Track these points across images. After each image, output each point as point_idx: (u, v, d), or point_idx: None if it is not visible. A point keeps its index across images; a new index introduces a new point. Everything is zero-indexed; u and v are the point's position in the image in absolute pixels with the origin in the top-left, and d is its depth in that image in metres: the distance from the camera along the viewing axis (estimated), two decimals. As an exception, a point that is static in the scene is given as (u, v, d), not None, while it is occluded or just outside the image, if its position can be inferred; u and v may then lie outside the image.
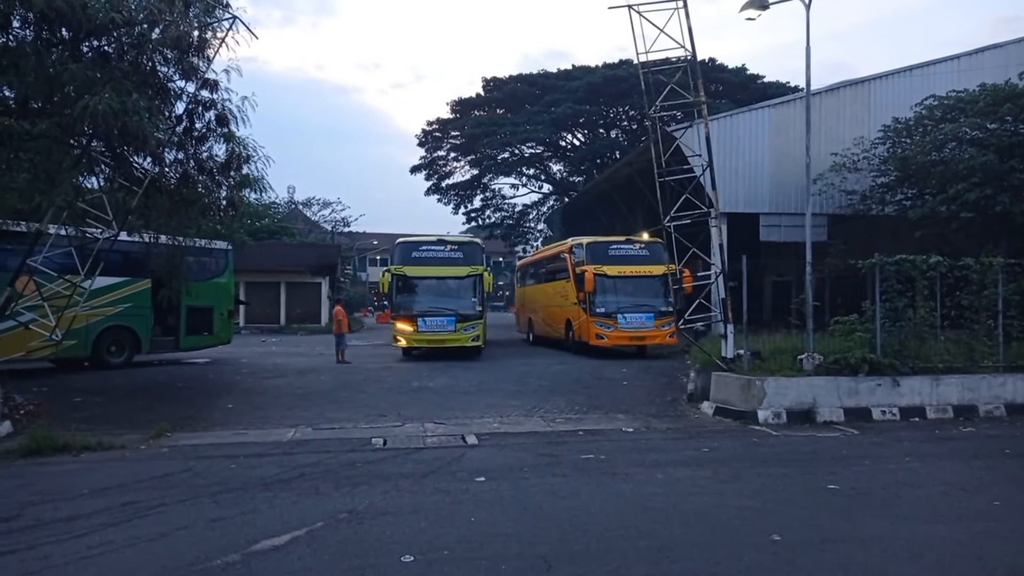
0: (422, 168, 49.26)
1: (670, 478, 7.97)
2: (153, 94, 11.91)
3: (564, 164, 48.34)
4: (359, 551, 5.66)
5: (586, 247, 20.23)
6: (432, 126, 48.35)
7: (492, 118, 46.03)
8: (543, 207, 51.33)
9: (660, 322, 19.01)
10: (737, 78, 42.96)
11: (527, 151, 47.04)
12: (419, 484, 7.70)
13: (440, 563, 5.37)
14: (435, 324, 18.84)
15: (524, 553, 5.56)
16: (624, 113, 44.74)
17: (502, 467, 8.45)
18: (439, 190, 49.26)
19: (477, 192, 49.28)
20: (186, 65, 12.23)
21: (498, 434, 10.53)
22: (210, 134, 12.98)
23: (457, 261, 19.67)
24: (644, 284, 19.49)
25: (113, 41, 11.81)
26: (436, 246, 20.06)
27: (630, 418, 11.73)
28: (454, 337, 18.91)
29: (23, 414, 11.33)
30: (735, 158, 22.23)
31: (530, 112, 44.13)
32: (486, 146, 45.06)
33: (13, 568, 5.28)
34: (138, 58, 11.70)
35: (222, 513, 6.63)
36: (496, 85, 47.41)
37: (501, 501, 7.04)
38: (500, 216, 50.89)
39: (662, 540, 5.89)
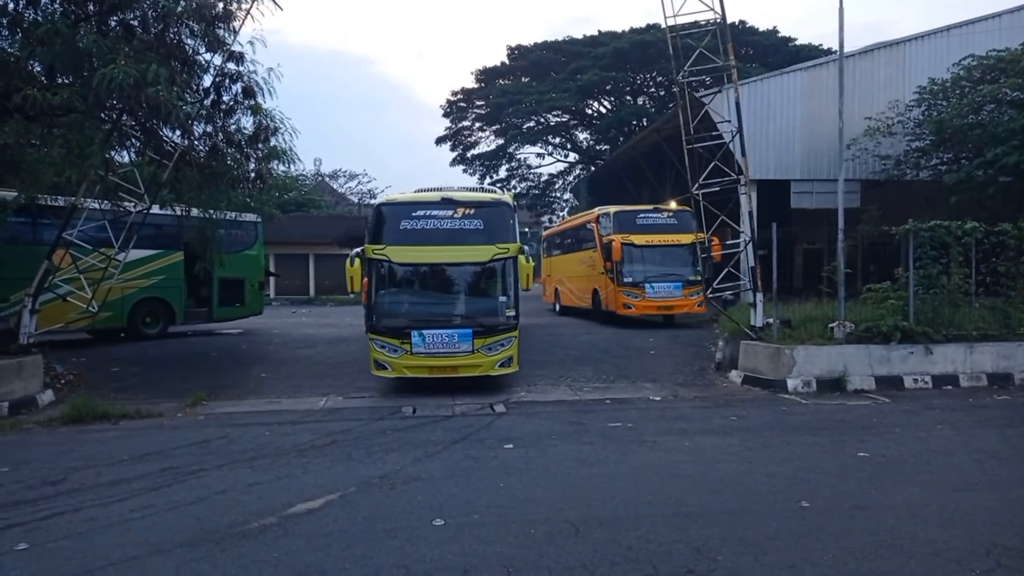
0: (447, 139, 49.10)
1: (698, 446, 7.99)
2: (180, 67, 11.97)
3: (590, 132, 47.84)
4: (391, 514, 5.78)
5: (613, 216, 20.08)
6: (457, 96, 48.07)
7: (517, 87, 45.60)
8: (569, 176, 50.98)
9: (688, 291, 18.86)
10: (768, 41, 41.95)
11: (553, 120, 46.60)
12: (449, 451, 7.82)
13: (470, 527, 5.47)
14: (438, 341, 11.12)
15: (553, 518, 5.64)
16: (651, 79, 44.04)
17: (530, 435, 8.54)
18: (464, 160, 49.12)
19: (502, 162, 49.03)
20: (211, 37, 12.26)
21: (526, 402, 10.62)
22: (237, 107, 13.03)
23: (467, 236, 11.44)
24: (672, 253, 19.31)
25: (138, 14, 11.88)
26: (436, 209, 11.54)
27: (658, 387, 11.75)
28: (469, 362, 11.17)
29: (63, 383, 11.68)
30: (766, 123, 21.80)
31: (555, 80, 43.62)
32: (511, 115, 44.70)
33: (61, 529, 5.49)
34: (163, 31, 11.76)
35: (258, 478, 6.81)
36: (521, 53, 46.86)
37: (530, 468, 7.12)
38: (526, 186, 50.64)
39: (690, 507, 5.93)
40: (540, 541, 5.18)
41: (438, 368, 11.14)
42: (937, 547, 5.04)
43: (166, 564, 4.81)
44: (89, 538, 5.30)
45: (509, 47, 47.87)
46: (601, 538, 5.22)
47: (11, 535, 5.35)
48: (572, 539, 5.22)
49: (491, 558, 4.88)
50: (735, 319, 13.84)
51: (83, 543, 5.20)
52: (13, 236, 13.53)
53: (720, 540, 5.19)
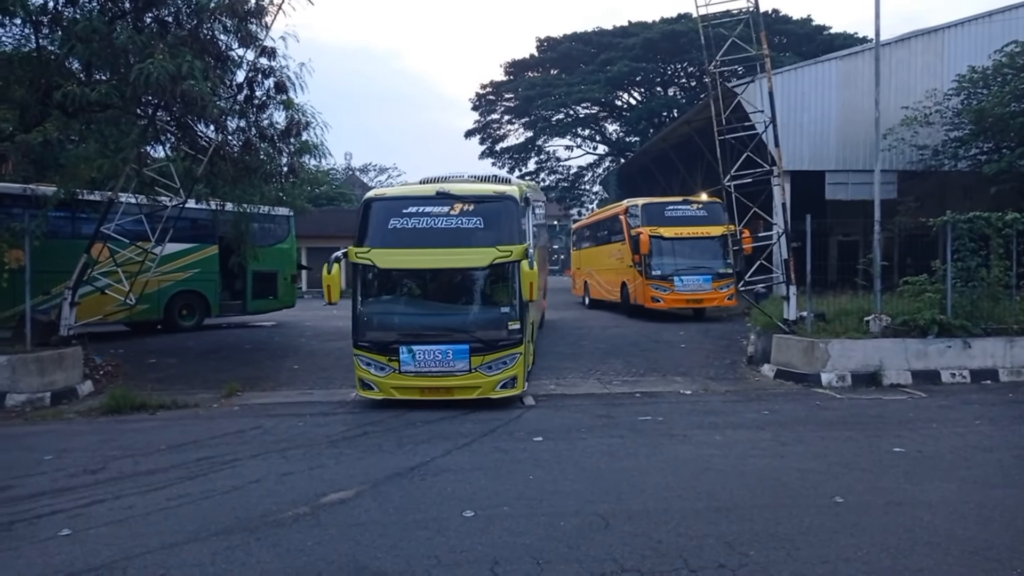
0: (476, 132, 49.08)
1: (729, 440, 7.92)
2: (214, 63, 12.14)
3: (620, 124, 47.45)
4: (422, 505, 5.83)
5: (642, 208, 19.90)
6: (486, 89, 47.99)
7: (546, 79, 45.39)
8: (598, 168, 50.64)
9: (718, 284, 18.64)
10: (802, 30, 41.19)
11: (582, 112, 46.31)
12: (478, 443, 7.86)
13: (500, 519, 5.49)
14: (430, 359, 9.64)
15: (582, 511, 5.64)
16: (682, 70, 43.52)
17: (559, 428, 8.54)
18: (493, 153, 49.04)
19: (531, 155, 48.85)
20: (244, 32, 12.40)
21: (555, 396, 10.62)
22: (270, 101, 13.20)
23: (465, 236, 9.87)
24: (701, 246, 19.09)
25: (172, 10, 12.07)
26: (429, 205, 10.00)
27: (688, 380, 11.66)
28: (466, 382, 9.70)
29: (102, 374, 11.95)
30: (800, 113, 21.45)
31: (585, 72, 43.32)
32: (540, 108, 44.52)
33: (102, 516, 5.63)
34: (197, 26, 11.93)
35: (291, 468, 6.91)
36: (550, 45, 46.62)
37: (559, 461, 7.13)
38: (555, 179, 50.42)
39: (721, 501, 5.88)
40: (569, 534, 5.19)
41: (430, 390, 9.66)
42: (976, 545, 4.94)
43: (202, 551, 4.91)
44: (128, 525, 5.43)
45: (538, 39, 47.77)
46: (631, 531, 5.21)
47: (55, 521, 5.50)
48: (602, 532, 5.21)
49: (520, 550, 4.90)
50: (768, 312, 13.67)
51: (122, 530, 5.33)
52: (53, 230, 13.85)
53: (752, 535, 5.14)
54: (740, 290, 14.49)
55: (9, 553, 4.91)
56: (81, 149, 13.23)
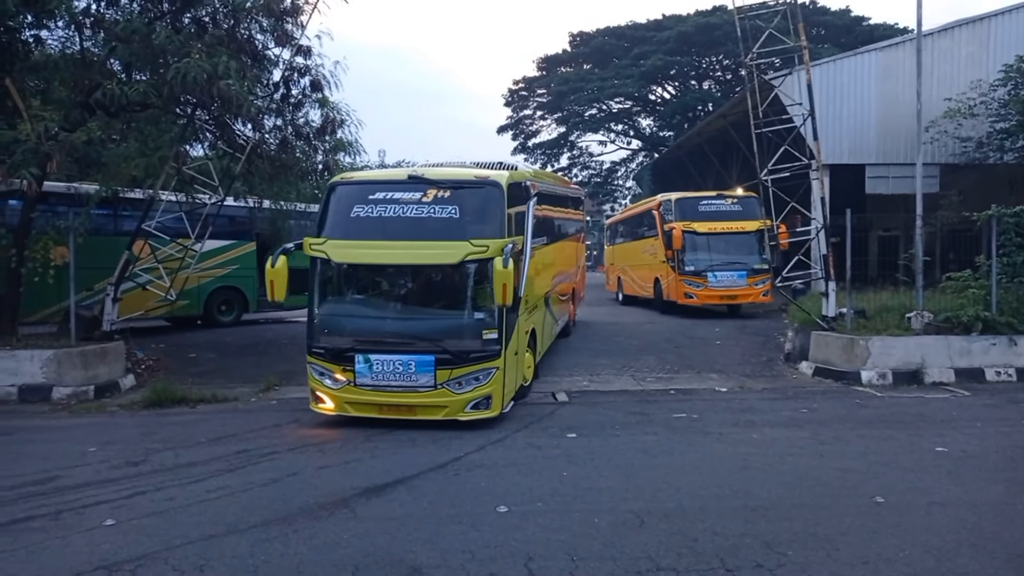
0: (508, 128, 49.11)
1: (766, 438, 7.82)
2: (251, 62, 12.31)
3: (653, 119, 47.10)
4: (456, 500, 5.86)
5: (675, 203, 19.68)
6: (518, 85, 48.05)
7: (579, 74, 45.24)
8: (631, 164, 50.36)
9: (753, 280, 18.36)
10: (840, 21, 40.41)
11: (615, 106, 46.06)
12: (511, 439, 7.87)
13: (534, 515, 5.49)
14: (389, 370, 8.23)
15: (617, 508, 5.61)
16: (717, 63, 43.03)
17: (593, 424, 8.50)
18: (525, 149, 49.05)
19: (564, 150, 48.78)
20: (280, 32, 12.55)
21: (588, 392, 10.57)
22: (305, 100, 13.34)
23: (436, 228, 8.45)
24: (736, 241, 18.80)
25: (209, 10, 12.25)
26: (399, 190, 8.65)
27: (724, 378, 11.52)
28: (430, 400, 8.28)
29: (144, 368, 12.22)
30: (838, 106, 21.00)
31: (618, 66, 43.04)
32: (573, 103, 44.39)
33: (144, 507, 5.76)
34: (234, 26, 12.10)
35: (327, 461, 6.99)
36: (583, 40, 46.42)
37: (592, 457, 7.10)
38: (587, 174, 50.29)
39: (758, 500, 5.81)
40: (604, 531, 5.16)
41: (389, 407, 8.30)
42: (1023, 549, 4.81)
43: (241, 543, 4.99)
44: (169, 516, 5.55)
45: (571, 34, 47.69)
46: (666, 529, 5.17)
47: (99, 511, 5.64)
48: (636, 530, 5.18)
49: (555, 546, 4.89)
50: (806, 309, 13.44)
51: (164, 521, 5.44)
52: (96, 228, 14.16)
53: (790, 534, 5.07)
54: (777, 286, 14.28)
55: (58, 541, 5.05)
56: (122, 148, 13.50)
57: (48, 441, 8.07)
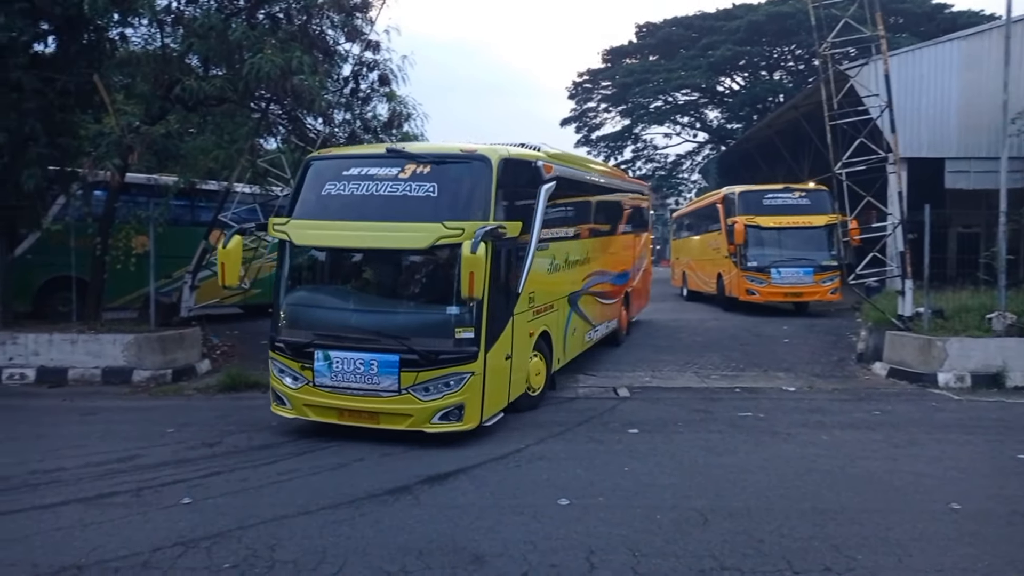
0: (572, 120, 48.83)
1: (837, 440, 7.60)
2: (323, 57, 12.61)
3: (721, 110, 46.10)
4: (517, 491, 5.90)
5: (738, 196, 19.16)
6: (582, 77, 47.67)
7: (644, 65, 44.59)
8: (698, 157, 49.46)
9: (820, 277, 17.73)
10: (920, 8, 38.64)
11: (681, 98, 45.27)
12: (572, 432, 7.86)
13: (595, 508, 5.49)
14: (349, 370, 7.23)
15: (679, 505, 5.55)
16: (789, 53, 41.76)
17: (655, 420, 8.42)
18: (589, 142, 48.67)
19: (628, 143, 48.21)
20: (350, 27, 12.81)
21: (650, 388, 10.47)
22: (373, 94, 13.59)
23: (411, 207, 7.39)
24: (802, 236, 18.17)
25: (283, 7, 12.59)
26: (375, 166, 7.76)
27: (792, 377, 11.23)
28: (393, 407, 7.22)
29: (219, 354, 12.67)
30: (917, 97, 20.12)
31: (685, 57, 42.24)
32: (638, 95, 43.81)
33: (219, 487, 5.99)
34: (306, 22, 12.41)
35: (391, 449, 7.11)
36: (650, 31, 45.72)
37: (655, 453, 7.04)
38: (652, 167, 49.61)
39: (827, 503, 5.66)
40: (667, 528, 5.12)
41: (350, 413, 7.31)
42: (1116, 564, 4.55)
43: (311, 524, 5.15)
44: (243, 496, 5.76)
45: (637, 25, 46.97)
46: (731, 529, 5.09)
47: (176, 490, 5.90)
48: (700, 528, 5.12)
49: (616, 541, 4.88)
50: (880, 308, 12.97)
51: (237, 501, 5.66)
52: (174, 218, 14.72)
53: (860, 539, 4.93)
54: (851, 283, 13.82)
55: (139, 517, 5.31)
56: (199, 141, 14.00)
57: (129, 421, 8.47)
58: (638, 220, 15.28)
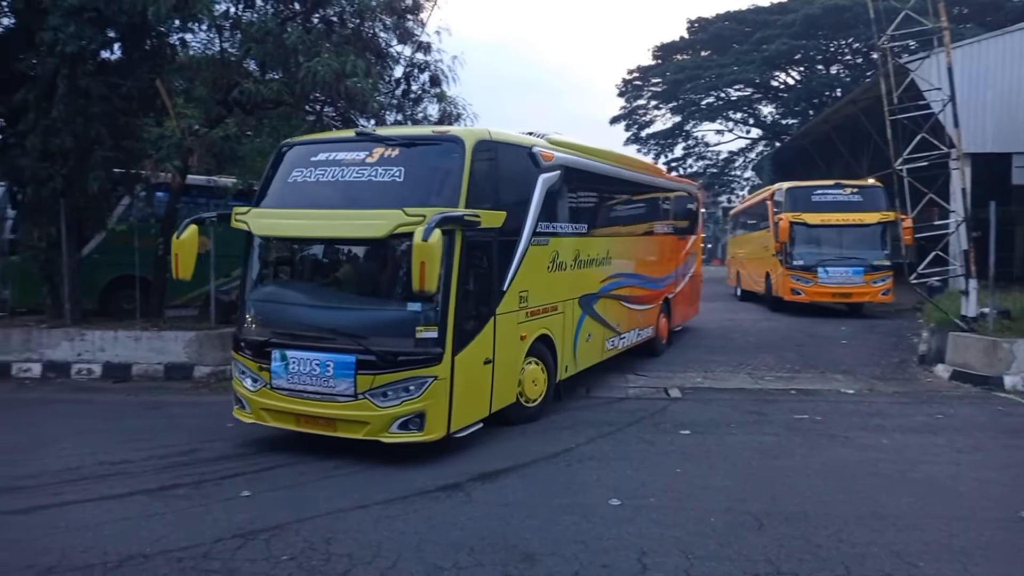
0: (621, 118, 48.45)
1: (897, 444, 7.38)
2: (375, 59, 12.80)
3: (775, 106, 45.17)
4: (568, 490, 5.90)
5: (786, 192, 18.62)
6: (632, 74, 47.23)
7: (696, 61, 43.97)
8: (751, 153, 48.53)
9: (870, 277, 17.04)
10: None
11: (734, 94, 44.50)
12: (623, 433, 7.81)
13: (647, 509, 5.45)
14: (305, 372, 6.62)
15: (733, 508, 5.48)
16: (847, 46, 40.62)
17: (707, 422, 8.31)
18: (638, 140, 48.23)
19: (678, 140, 47.62)
20: (402, 29, 13.00)
21: (702, 388, 10.33)
22: (424, 95, 13.74)
23: (375, 193, 6.78)
24: (853, 234, 17.50)
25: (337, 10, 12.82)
26: (344, 150, 7.21)
27: (850, 379, 10.94)
28: (349, 413, 6.56)
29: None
30: (982, 91, 19.35)
31: (738, 52, 41.50)
32: (689, 91, 43.22)
33: (278, 480, 6.14)
34: (360, 25, 12.62)
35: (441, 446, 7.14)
36: (702, 26, 45.05)
37: (707, 455, 6.95)
38: (703, 164, 48.91)
39: (888, 508, 5.51)
40: (720, 530, 5.05)
41: (307, 419, 6.73)
42: None
43: (366, 518, 5.24)
44: (299, 490, 5.90)
45: (689, 20, 46.34)
46: (787, 533, 5.00)
47: (236, 483, 6.06)
48: (755, 532, 5.04)
49: (669, 542, 4.84)
50: (943, 308, 12.55)
51: (294, 494, 5.79)
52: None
53: (922, 545, 4.79)
54: (912, 283, 13.40)
55: (200, 509, 5.47)
56: (256, 143, 14.34)
57: (190, 416, 8.74)
58: (683, 222, 14.09)
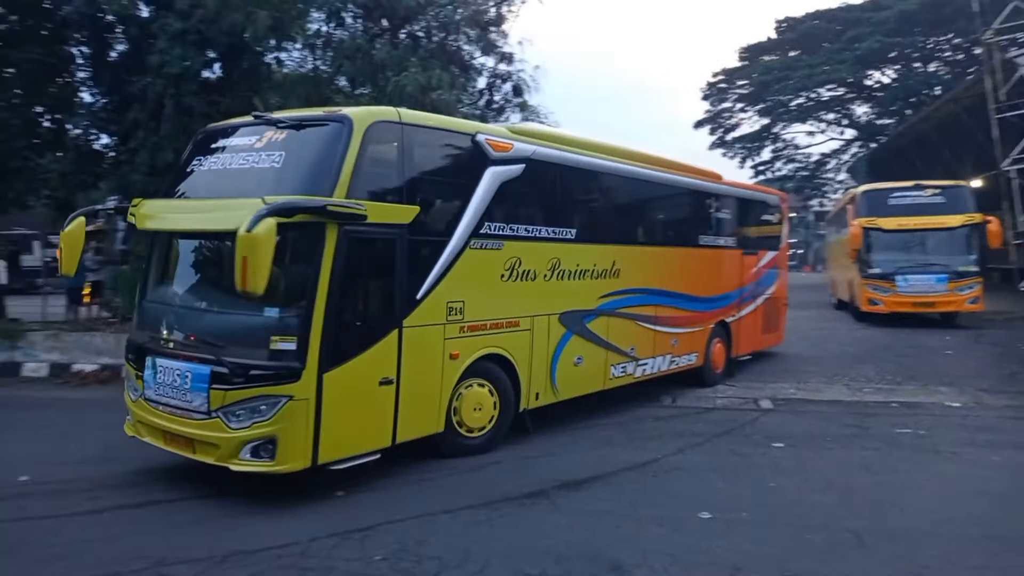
0: (706, 122, 47.53)
1: (1010, 462, 6.92)
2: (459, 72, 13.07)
3: (870, 106, 43.29)
4: (655, 502, 5.81)
5: (861, 196, 17.67)
6: (717, 77, 46.32)
7: (785, 62, 42.66)
8: (844, 155, 46.67)
9: (955, 285, 15.78)
10: (1108, -18, 34.60)
11: (825, 94, 42.90)
12: (712, 444, 7.63)
13: (739, 524, 5.30)
14: (168, 383, 5.88)
15: (832, 525, 5.26)
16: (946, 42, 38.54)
17: (802, 435, 8.01)
18: (724, 144, 47.18)
19: (766, 143, 46.31)
20: (485, 41, 13.23)
21: (795, 400, 9.97)
22: (507, 105, 13.95)
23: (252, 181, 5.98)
24: (934, 239, 16.32)
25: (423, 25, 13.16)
26: (239, 136, 6.50)
27: (955, 391, 10.33)
28: (204, 432, 5.64)
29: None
30: (1103, 83, 18.05)
31: (829, 51, 40.01)
32: (777, 93, 41.95)
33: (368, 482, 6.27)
34: (444, 39, 12.92)
35: (529, 452, 7.20)
36: (790, 25, 43.70)
37: (802, 469, 6.70)
38: (793, 167, 47.34)
39: (1000, 529, 5.17)
40: (818, 548, 4.86)
41: (172, 438, 5.94)
42: None
43: (453, 523, 5.30)
44: (390, 492, 6.00)
45: (777, 20, 44.99)
46: (890, 553, 4.76)
47: (330, 483, 6.15)
48: (855, 550, 4.82)
49: (764, 559, 4.69)
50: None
51: (386, 496, 5.90)
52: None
53: (1043, 572, 4.46)
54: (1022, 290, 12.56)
55: (297, 507, 5.63)
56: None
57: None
58: (752, 234, 12.06)
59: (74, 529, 5.20)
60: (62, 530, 5.17)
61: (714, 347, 10.82)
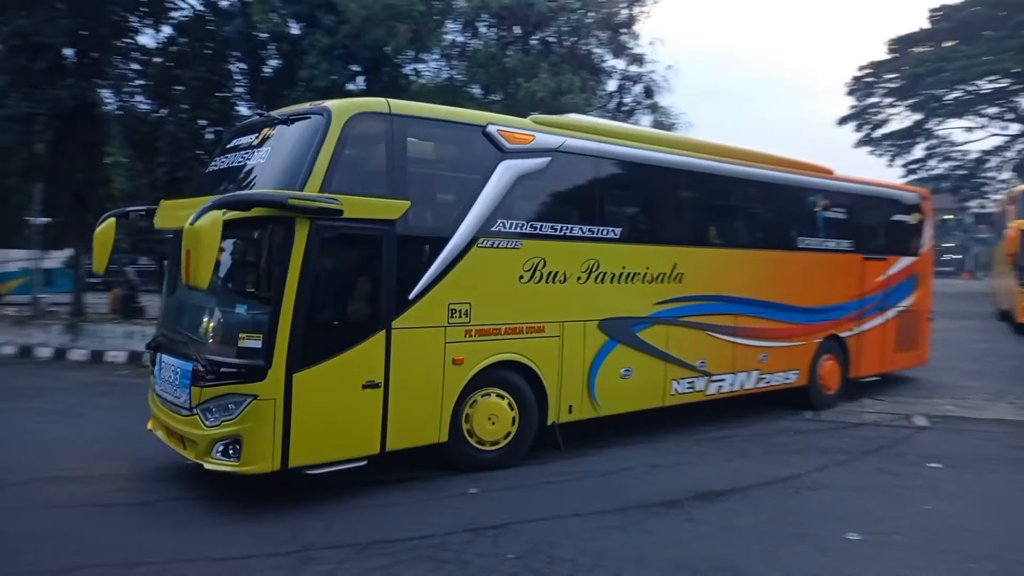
0: (850, 119, 44.79)
1: None
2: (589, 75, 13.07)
3: (1039, 98, 39.29)
4: (798, 519, 5.54)
5: (1021, 195, 15.99)
6: (863, 71, 43.55)
7: (939, 53, 39.46)
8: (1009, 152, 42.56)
9: None
10: None
11: (986, 86, 39.33)
12: (859, 461, 7.20)
13: (891, 547, 4.96)
14: (166, 379, 6.08)
15: (998, 556, 4.82)
16: None
17: (961, 455, 7.39)
18: (871, 141, 44.27)
19: (918, 140, 43.03)
20: (616, 44, 13.17)
21: (953, 418, 9.21)
22: (638, 107, 13.82)
23: (242, 177, 6.07)
24: None
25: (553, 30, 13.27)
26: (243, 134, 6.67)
27: None
28: (187, 428, 5.67)
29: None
30: None
31: (991, 40, 36.62)
32: (931, 86, 38.90)
33: (498, 482, 6.38)
34: (575, 43, 12.97)
35: (659, 460, 7.08)
36: (946, 14, 40.46)
37: (964, 493, 6.19)
38: (948, 166, 43.72)
39: None
40: (983, 579, 4.46)
41: (170, 433, 6.04)
42: None
43: (583, 526, 5.29)
44: (521, 492, 6.08)
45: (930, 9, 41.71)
46: (1070, 591, 4.30)
47: (463, 480, 6.30)
48: (1028, 584, 4.39)
49: (921, 587, 4.36)
50: None
51: (517, 496, 5.98)
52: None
53: None
54: None
55: (434, 502, 5.82)
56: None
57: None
58: (879, 237, 10.73)
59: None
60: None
61: (823, 365, 9.60)
